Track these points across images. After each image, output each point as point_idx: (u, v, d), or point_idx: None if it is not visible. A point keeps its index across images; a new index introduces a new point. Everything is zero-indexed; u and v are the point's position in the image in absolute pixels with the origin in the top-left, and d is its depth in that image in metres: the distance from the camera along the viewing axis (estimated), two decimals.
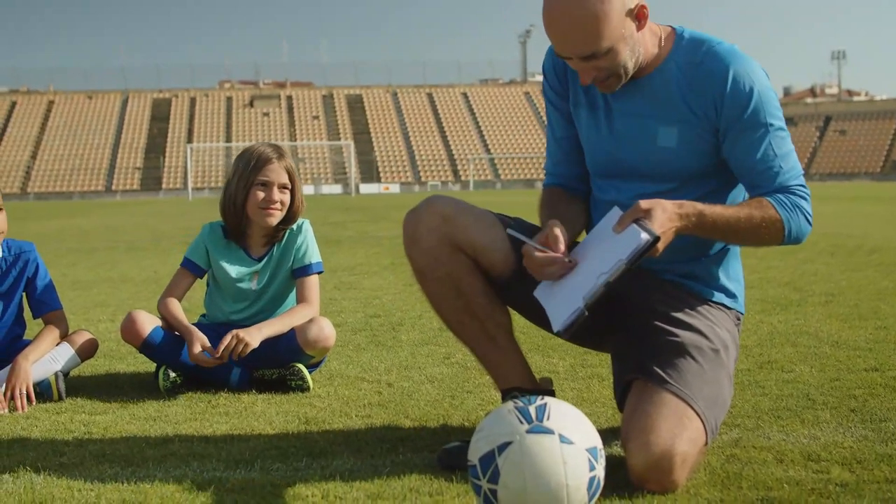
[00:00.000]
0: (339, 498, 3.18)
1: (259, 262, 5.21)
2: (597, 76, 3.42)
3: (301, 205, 5.20)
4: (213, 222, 5.34)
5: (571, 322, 3.21)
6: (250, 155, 5.12)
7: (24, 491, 3.33)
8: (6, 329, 5.11)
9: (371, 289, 9.30)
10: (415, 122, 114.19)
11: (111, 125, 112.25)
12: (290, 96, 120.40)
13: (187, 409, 4.57)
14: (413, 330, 6.75)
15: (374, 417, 4.32)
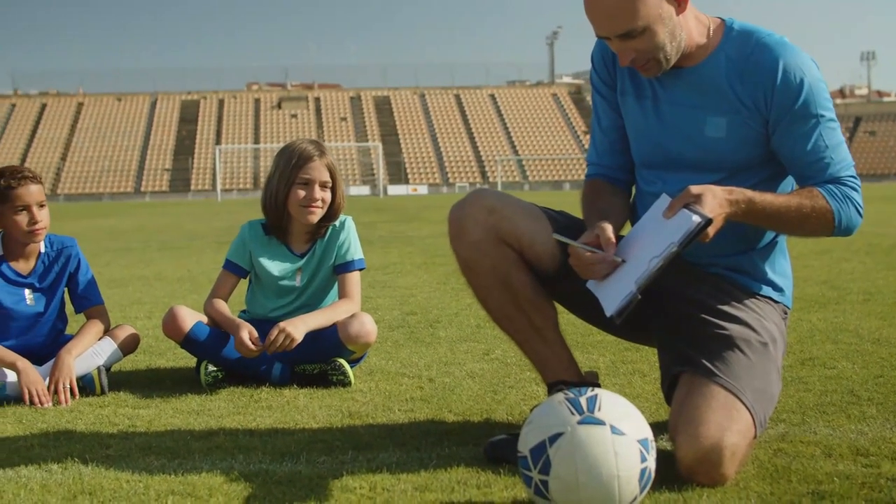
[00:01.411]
0: (387, 490, 3.18)
1: (302, 258, 5.21)
2: (636, 58, 3.41)
3: (342, 201, 5.20)
4: (253, 221, 5.35)
5: (624, 306, 3.19)
6: (291, 152, 5.12)
7: (73, 481, 3.35)
8: (49, 324, 5.14)
9: (406, 287, 9.31)
10: (442, 124, 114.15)
11: (140, 127, 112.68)
12: (317, 98, 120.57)
13: (230, 404, 4.58)
14: (451, 327, 6.75)
15: (416, 412, 4.32)
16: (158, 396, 4.75)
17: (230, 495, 3.17)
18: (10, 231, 4.99)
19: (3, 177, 4.96)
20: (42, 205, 4.99)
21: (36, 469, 3.53)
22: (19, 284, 5.07)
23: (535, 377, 4.83)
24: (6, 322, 5.03)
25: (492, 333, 6.33)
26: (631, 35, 3.34)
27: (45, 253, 5.14)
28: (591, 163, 3.92)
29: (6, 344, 4.93)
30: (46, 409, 4.60)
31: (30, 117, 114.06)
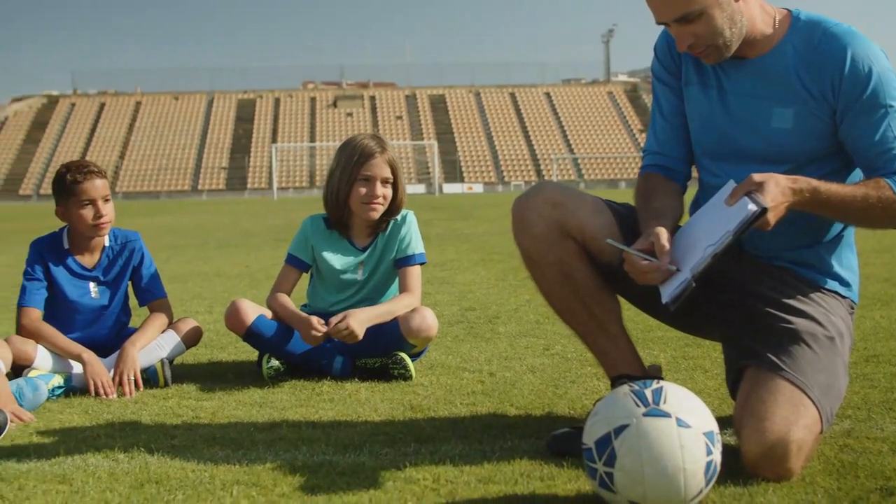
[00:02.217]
0: (450, 482, 3.18)
1: (363, 252, 5.23)
2: (693, 43, 3.38)
3: (404, 196, 5.21)
4: (314, 215, 5.37)
5: (679, 293, 3.16)
6: (353, 148, 5.13)
7: (140, 470, 3.39)
8: (113, 317, 5.20)
9: (464, 283, 9.32)
10: (498, 122, 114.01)
11: (197, 125, 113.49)
12: (373, 97, 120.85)
13: (292, 396, 4.61)
14: (510, 322, 6.75)
15: (478, 405, 4.32)
16: (221, 389, 4.79)
17: (294, 486, 3.18)
18: (75, 225, 5.06)
19: (69, 171, 5.03)
20: (107, 199, 5.05)
21: (103, 458, 3.57)
22: (84, 278, 5.13)
23: (597, 372, 4.83)
24: (72, 315, 5.09)
25: (551, 329, 6.32)
26: (687, 19, 3.32)
27: (109, 247, 5.20)
28: (649, 152, 3.87)
29: (72, 336, 4.99)
30: (111, 400, 4.66)
31: (89, 116, 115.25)
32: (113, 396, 4.71)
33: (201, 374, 5.17)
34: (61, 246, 5.13)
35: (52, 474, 3.38)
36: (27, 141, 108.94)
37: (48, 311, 5.06)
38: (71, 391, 4.82)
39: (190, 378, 5.05)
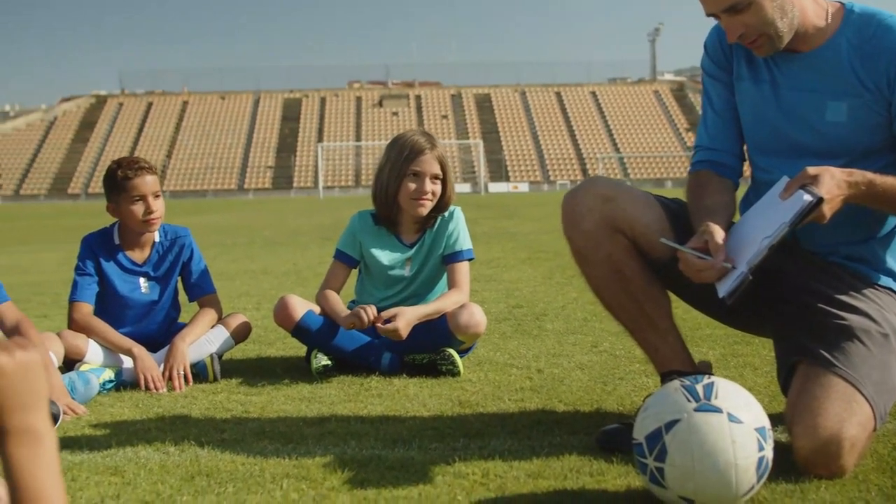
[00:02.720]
0: (499, 477, 3.18)
1: (411, 248, 5.24)
2: (744, 34, 3.36)
3: (453, 193, 5.21)
4: (362, 211, 5.38)
5: (736, 287, 3.14)
6: (402, 144, 5.14)
7: (191, 463, 3.41)
8: (163, 312, 5.23)
9: (511, 281, 9.31)
10: (543, 122, 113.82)
11: (243, 125, 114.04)
12: (418, 96, 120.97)
13: (340, 392, 4.62)
14: (557, 319, 6.74)
15: (526, 401, 4.32)
16: (270, 384, 4.81)
17: (344, 479, 3.19)
18: (126, 221, 5.10)
19: (120, 168, 5.06)
20: (157, 195, 5.08)
21: (154, 451, 3.60)
22: (135, 273, 5.17)
23: (646, 369, 4.81)
24: (122, 310, 5.13)
25: (599, 326, 6.31)
26: (736, 9, 3.30)
27: (159, 242, 5.23)
28: (700, 147, 3.84)
29: (122, 331, 5.03)
30: (161, 394, 4.69)
31: (136, 116, 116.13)
32: (163, 391, 4.75)
33: (250, 370, 5.19)
34: (112, 241, 5.17)
35: (105, 466, 3.41)
36: (76, 140, 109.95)
37: (99, 306, 5.10)
38: (121, 385, 4.86)
39: (239, 373, 5.08)
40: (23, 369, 1.48)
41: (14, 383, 1.47)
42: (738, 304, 3.23)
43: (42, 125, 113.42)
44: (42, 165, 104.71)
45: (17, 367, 1.48)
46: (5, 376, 1.46)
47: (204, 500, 3.02)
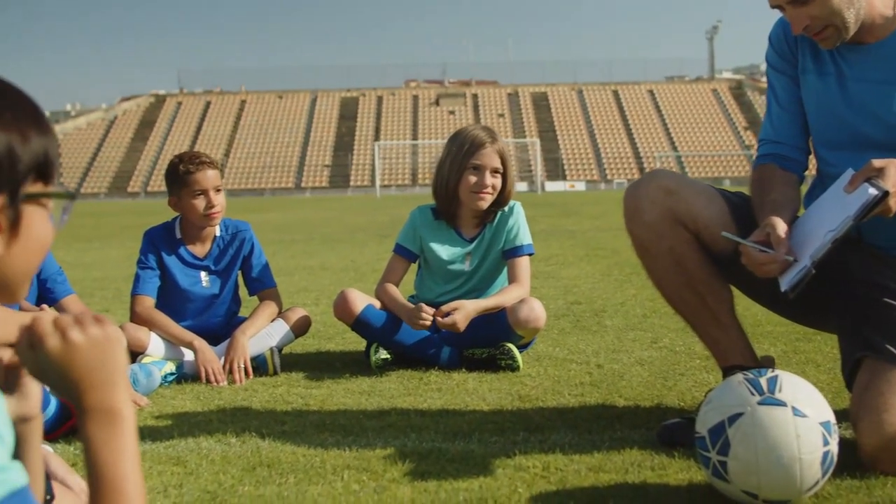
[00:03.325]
0: (560, 470, 3.17)
1: (471, 243, 5.24)
2: (809, 25, 3.31)
3: (512, 188, 5.20)
4: (422, 206, 5.39)
5: (798, 281, 3.11)
6: (463, 138, 5.15)
7: (252, 454, 3.43)
8: (224, 306, 5.27)
9: (569, 278, 9.28)
10: (600, 120, 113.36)
11: (301, 124, 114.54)
12: (475, 94, 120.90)
13: (400, 385, 4.63)
14: (616, 316, 6.71)
15: (586, 396, 4.30)
16: (329, 377, 4.83)
17: (404, 471, 3.20)
18: (187, 215, 5.13)
19: (182, 162, 5.10)
20: (218, 189, 5.12)
21: (216, 442, 3.63)
22: (196, 267, 5.21)
23: (706, 365, 4.78)
24: (183, 303, 5.17)
25: (659, 323, 6.27)
26: (802, 1, 3.26)
27: (220, 236, 5.27)
28: (765, 141, 3.79)
29: (183, 324, 5.06)
30: (222, 387, 4.73)
31: (195, 115, 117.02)
32: (223, 383, 4.78)
33: (310, 363, 5.21)
34: (174, 235, 5.21)
35: (167, 456, 3.44)
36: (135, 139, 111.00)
37: (161, 299, 5.14)
38: (182, 378, 4.90)
39: (298, 367, 5.10)
40: (98, 345, 1.48)
41: (88, 361, 1.47)
42: (802, 298, 3.19)
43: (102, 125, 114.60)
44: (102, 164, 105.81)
45: (90, 344, 1.48)
46: (79, 351, 1.47)
47: (265, 490, 3.04)
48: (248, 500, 2.94)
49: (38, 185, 1.42)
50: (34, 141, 1.40)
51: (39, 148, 1.41)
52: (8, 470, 1.28)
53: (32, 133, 1.40)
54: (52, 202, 1.46)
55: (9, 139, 1.36)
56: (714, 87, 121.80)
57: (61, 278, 4.69)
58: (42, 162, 1.42)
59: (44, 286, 4.63)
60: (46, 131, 1.43)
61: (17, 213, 1.39)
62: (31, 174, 1.40)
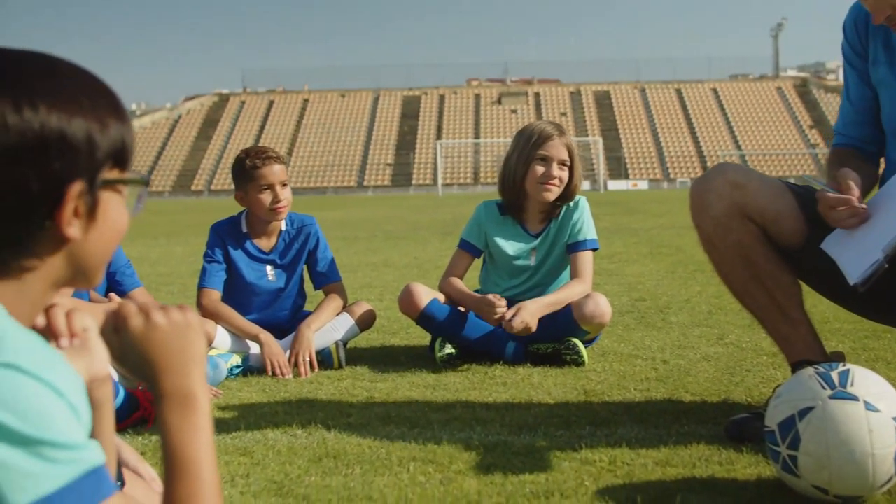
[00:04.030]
0: (627, 464, 3.16)
1: (536, 238, 5.23)
2: (892, 15, 3.27)
3: (579, 182, 5.18)
4: (488, 201, 5.39)
5: (870, 275, 3.06)
6: (531, 131, 5.14)
7: (318, 445, 3.45)
8: (290, 299, 5.30)
9: (633, 275, 9.23)
10: (663, 119, 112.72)
11: (363, 122, 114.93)
12: (537, 93, 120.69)
13: (465, 379, 4.62)
14: (682, 312, 6.66)
15: (652, 391, 4.28)
16: (394, 371, 4.84)
17: (470, 463, 3.20)
18: (253, 209, 5.16)
19: (249, 157, 5.13)
20: (284, 184, 5.14)
21: (282, 433, 3.65)
22: (262, 261, 5.24)
23: (774, 361, 4.73)
24: (249, 297, 5.20)
25: (724, 319, 6.22)
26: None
27: (286, 231, 5.29)
28: (838, 132, 3.79)
29: (249, 318, 5.10)
30: (287, 380, 4.75)
31: (258, 114, 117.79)
32: (289, 376, 4.80)
33: (374, 358, 5.23)
34: (240, 230, 5.24)
35: (234, 447, 3.47)
36: (199, 138, 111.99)
37: (227, 292, 5.18)
38: (248, 371, 4.94)
39: (363, 361, 5.11)
40: (178, 329, 1.51)
41: (168, 343, 1.50)
42: (871, 293, 3.15)
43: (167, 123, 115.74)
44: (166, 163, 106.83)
45: (171, 326, 1.51)
46: (160, 333, 1.49)
47: (332, 480, 3.05)
48: (315, 491, 2.95)
49: (115, 171, 1.44)
50: (112, 128, 1.41)
51: (117, 135, 1.42)
52: (85, 448, 1.29)
53: (110, 120, 1.41)
54: (126, 189, 1.48)
55: (88, 126, 1.38)
56: (779, 86, 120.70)
57: (130, 271, 4.74)
58: (119, 149, 1.43)
59: (112, 278, 4.68)
60: (123, 118, 1.45)
61: (95, 198, 1.41)
62: (109, 161, 1.42)
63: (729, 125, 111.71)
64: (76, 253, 1.42)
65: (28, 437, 1.24)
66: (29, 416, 1.24)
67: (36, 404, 1.25)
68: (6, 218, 1.34)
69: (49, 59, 1.42)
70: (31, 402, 1.25)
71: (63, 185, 1.36)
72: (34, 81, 1.36)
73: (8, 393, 1.24)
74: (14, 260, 1.37)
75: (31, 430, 1.24)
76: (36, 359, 1.28)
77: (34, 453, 1.24)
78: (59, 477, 1.25)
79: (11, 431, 1.23)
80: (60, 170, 1.35)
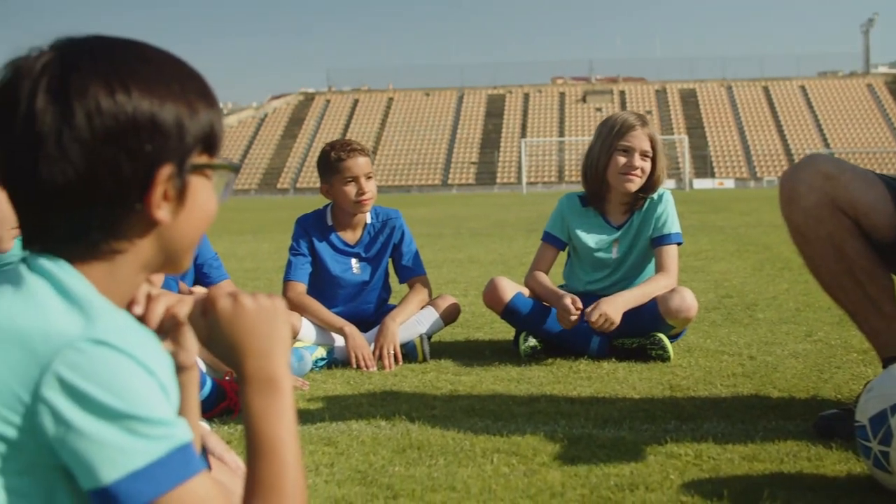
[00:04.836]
0: (713, 458, 3.13)
1: (618, 230, 5.19)
2: None
3: (662, 174, 5.13)
4: (570, 193, 5.37)
5: None
6: (614, 121, 5.11)
7: (402, 436, 3.46)
8: (375, 293, 5.31)
9: (720, 272, 9.13)
10: (750, 117, 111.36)
11: (447, 121, 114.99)
12: (622, 91, 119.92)
13: (549, 373, 4.61)
14: (769, 309, 6.58)
15: (739, 387, 4.23)
16: (478, 365, 4.83)
17: (554, 455, 3.19)
18: (338, 202, 5.18)
19: (334, 149, 5.16)
20: (369, 176, 5.15)
21: (366, 424, 3.67)
22: (347, 254, 5.26)
23: (864, 358, 4.66)
24: (334, 290, 5.23)
25: (813, 316, 6.14)
26: None
27: (371, 224, 5.31)
28: None
29: (334, 310, 5.12)
30: (372, 372, 4.76)
31: (343, 113, 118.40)
32: (373, 369, 4.82)
33: (459, 351, 5.23)
34: (325, 222, 5.27)
35: (318, 437, 3.49)
36: (285, 136, 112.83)
37: (312, 285, 5.20)
38: (333, 363, 4.96)
39: (448, 354, 5.12)
40: (264, 313, 1.53)
41: (254, 326, 1.51)
42: None
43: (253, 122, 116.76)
44: (253, 161, 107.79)
45: (258, 309, 1.53)
46: (247, 316, 1.51)
47: (415, 471, 3.06)
48: (399, 480, 2.95)
49: (204, 156, 1.46)
50: (202, 113, 1.43)
51: (206, 120, 1.44)
52: (174, 425, 1.31)
53: (200, 105, 1.44)
54: (215, 175, 1.50)
55: (178, 110, 1.40)
56: (869, 83, 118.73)
57: (217, 263, 4.79)
58: (208, 134, 1.45)
59: (200, 270, 4.73)
60: (213, 104, 1.47)
61: (184, 182, 1.43)
62: (199, 146, 1.44)
63: (817, 123, 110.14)
64: (165, 236, 1.44)
65: (119, 412, 1.26)
66: (120, 391, 1.26)
67: (127, 380, 1.28)
68: (97, 200, 1.36)
69: (142, 46, 1.45)
70: (122, 378, 1.27)
71: (153, 168, 1.38)
72: (128, 67, 1.38)
73: (100, 368, 1.26)
74: (105, 242, 1.40)
75: (122, 404, 1.26)
76: (127, 337, 1.31)
77: (124, 428, 1.26)
78: (149, 452, 1.27)
79: (103, 406, 1.25)
80: (151, 153, 1.38)
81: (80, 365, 1.26)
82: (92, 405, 1.25)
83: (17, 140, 1.34)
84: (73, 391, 1.25)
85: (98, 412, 1.25)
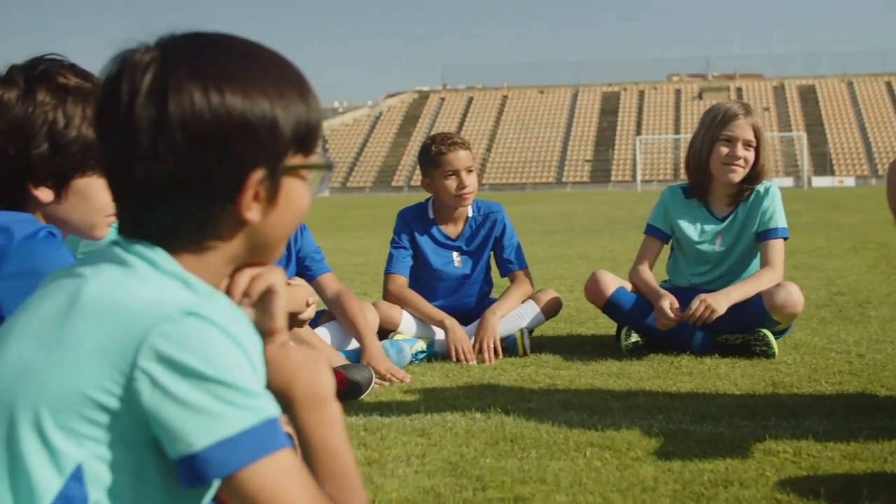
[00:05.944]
0: (812, 456, 3.06)
1: (722, 222, 5.10)
2: None
3: (766, 164, 5.02)
4: (673, 185, 5.33)
5: None
6: (717, 111, 5.04)
7: (496, 429, 3.45)
8: (476, 286, 5.31)
9: (833, 269, 8.96)
10: (872, 113, 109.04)
11: (562, 118, 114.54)
12: (739, 88, 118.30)
13: (650, 368, 4.56)
14: (882, 307, 6.42)
15: (845, 384, 4.13)
16: (579, 359, 4.80)
17: (648, 450, 3.15)
18: (439, 195, 5.18)
19: (434, 143, 5.16)
20: (470, 170, 5.14)
21: (460, 416, 3.66)
22: (448, 247, 5.26)
23: None
24: (435, 283, 5.23)
25: None
26: None
27: (472, 217, 5.30)
28: None
29: (435, 304, 5.12)
30: (471, 366, 4.75)
31: (457, 110, 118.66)
32: (473, 363, 4.81)
33: (560, 346, 5.19)
34: (426, 216, 5.27)
35: (412, 428, 3.49)
36: (399, 135, 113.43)
37: (413, 278, 5.21)
38: (433, 356, 4.96)
39: (548, 348, 5.08)
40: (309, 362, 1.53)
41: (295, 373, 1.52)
42: None
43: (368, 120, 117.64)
44: (368, 159, 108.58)
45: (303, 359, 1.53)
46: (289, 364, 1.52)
47: (507, 463, 3.04)
48: (489, 472, 2.94)
49: (298, 156, 1.46)
50: (297, 114, 1.43)
51: (302, 120, 1.44)
52: (263, 398, 1.34)
53: (296, 106, 1.43)
54: (310, 173, 1.49)
55: (272, 115, 1.40)
56: None
57: (319, 257, 4.83)
58: (303, 134, 1.45)
59: (302, 264, 4.78)
60: (309, 102, 1.46)
61: (277, 184, 1.43)
62: (292, 148, 1.44)
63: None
64: (255, 233, 1.46)
65: (212, 378, 1.29)
66: (212, 359, 1.29)
67: (218, 349, 1.31)
68: (188, 199, 1.39)
69: (242, 45, 1.45)
70: (213, 347, 1.30)
71: (245, 171, 1.40)
72: (225, 68, 1.39)
73: (192, 337, 1.30)
74: (195, 238, 1.42)
75: (214, 372, 1.29)
76: (219, 311, 1.34)
77: (216, 396, 1.29)
78: (239, 421, 1.30)
79: (196, 372, 1.29)
80: (242, 156, 1.39)
81: (174, 334, 1.29)
82: (186, 371, 1.28)
83: (118, 135, 1.37)
84: (168, 359, 1.28)
85: (192, 378, 1.28)
